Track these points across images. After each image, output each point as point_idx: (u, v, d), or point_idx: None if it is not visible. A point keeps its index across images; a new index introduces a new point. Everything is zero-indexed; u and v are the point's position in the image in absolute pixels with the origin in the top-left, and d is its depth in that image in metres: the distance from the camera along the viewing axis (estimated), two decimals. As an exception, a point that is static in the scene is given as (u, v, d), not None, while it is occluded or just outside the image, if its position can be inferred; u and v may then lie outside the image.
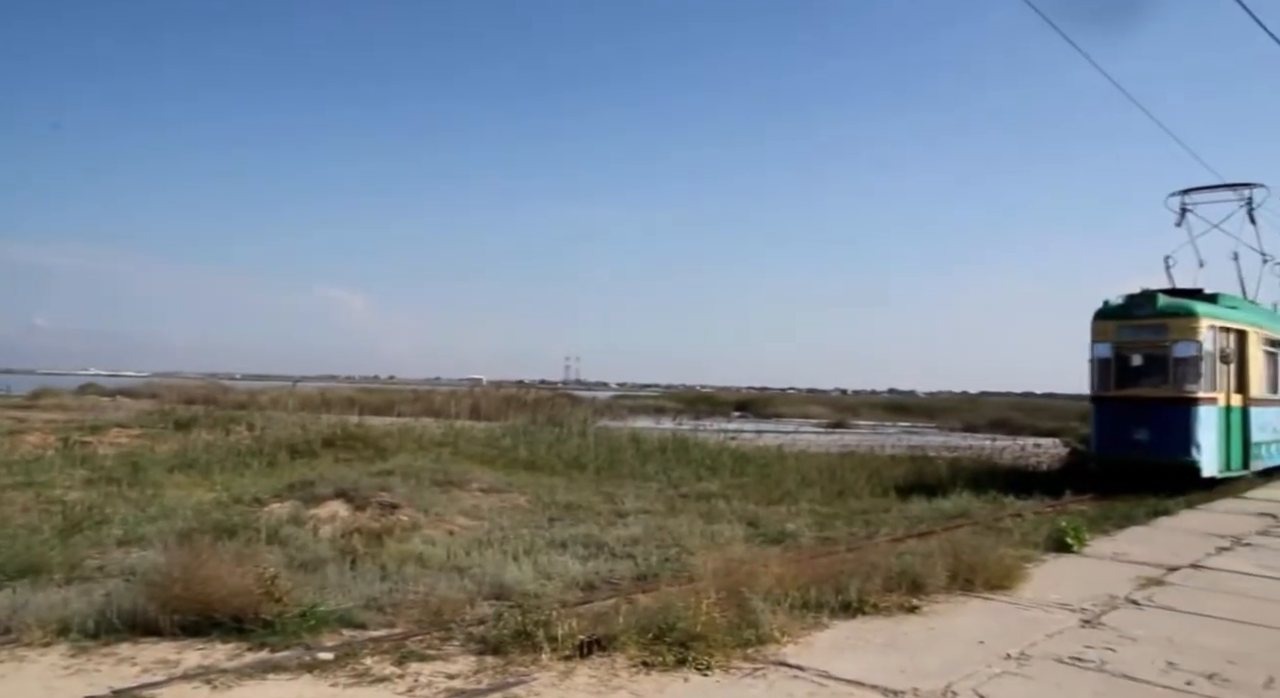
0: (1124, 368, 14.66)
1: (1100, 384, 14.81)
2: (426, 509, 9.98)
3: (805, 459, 18.37)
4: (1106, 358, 14.71)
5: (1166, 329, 14.12)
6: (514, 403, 32.26)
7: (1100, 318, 14.93)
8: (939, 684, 4.48)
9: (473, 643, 4.99)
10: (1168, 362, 14.12)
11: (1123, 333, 14.61)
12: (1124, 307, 14.68)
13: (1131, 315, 14.53)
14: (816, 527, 10.38)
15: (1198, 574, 7.71)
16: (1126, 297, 14.72)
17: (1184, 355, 13.93)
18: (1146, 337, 14.45)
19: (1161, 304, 14.35)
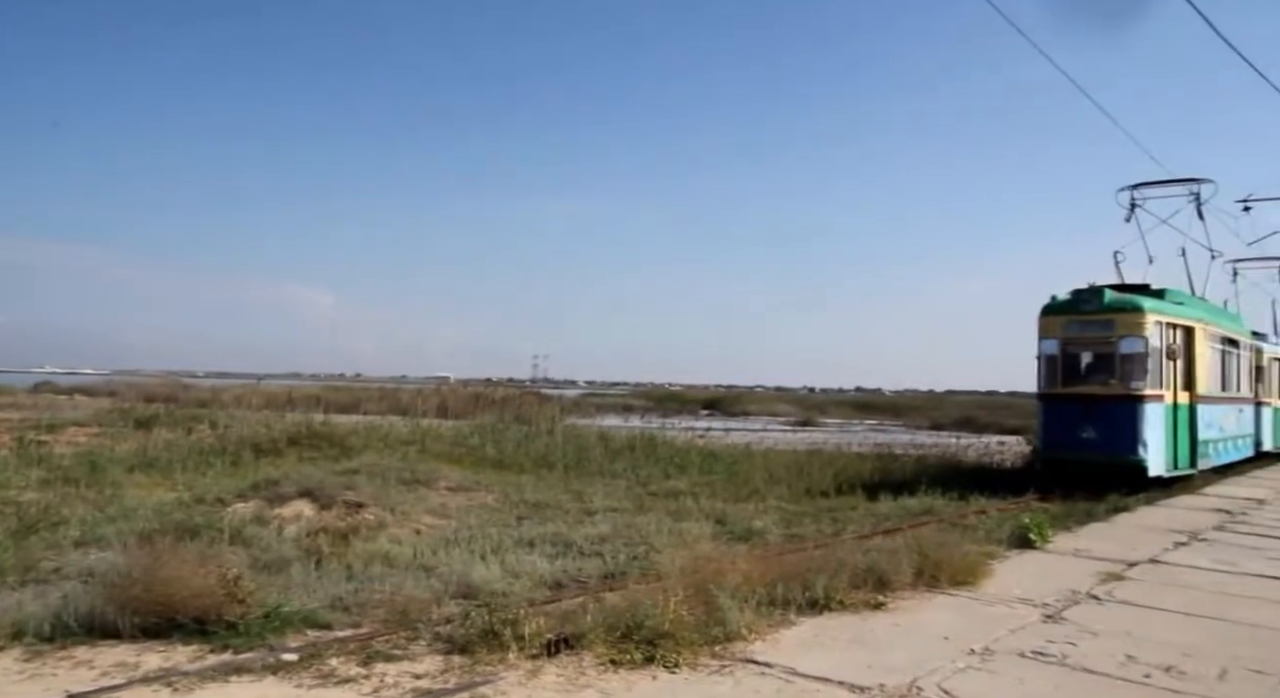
0: (1071, 365, 14.42)
1: (1047, 382, 14.48)
2: (393, 508, 9.90)
3: (773, 457, 18.46)
4: (1053, 355, 14.39)
5: (1113, 325, 13.84)
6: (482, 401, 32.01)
7: (1047, 314, 14.56)
8: (904, 680, 4.52)
9: (439, 643, 4.96)
10: (1114, 358, 13.86)
11: (1069, 329, 14.30)
12: (1071, 302, 14.36)
13: (1078, 311, 14.21)
14: (784, 524, 10.43)
15: (1156, 569, 7.86)
16: (1073, 292, 14.42)
17: (1130, 352, 13.67)
18: (1093, 333, 14.16)
19: (1108, 299, 14.05)
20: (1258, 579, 7.53)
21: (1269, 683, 4.69)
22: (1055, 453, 14.15)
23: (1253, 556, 8.68)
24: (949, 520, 10.20)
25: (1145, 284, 15.66)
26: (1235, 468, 18.61)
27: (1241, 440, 18.85)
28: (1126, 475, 13.20)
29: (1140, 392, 13.50)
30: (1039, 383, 14.60)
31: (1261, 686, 4.65)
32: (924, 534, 8.11)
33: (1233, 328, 19.07)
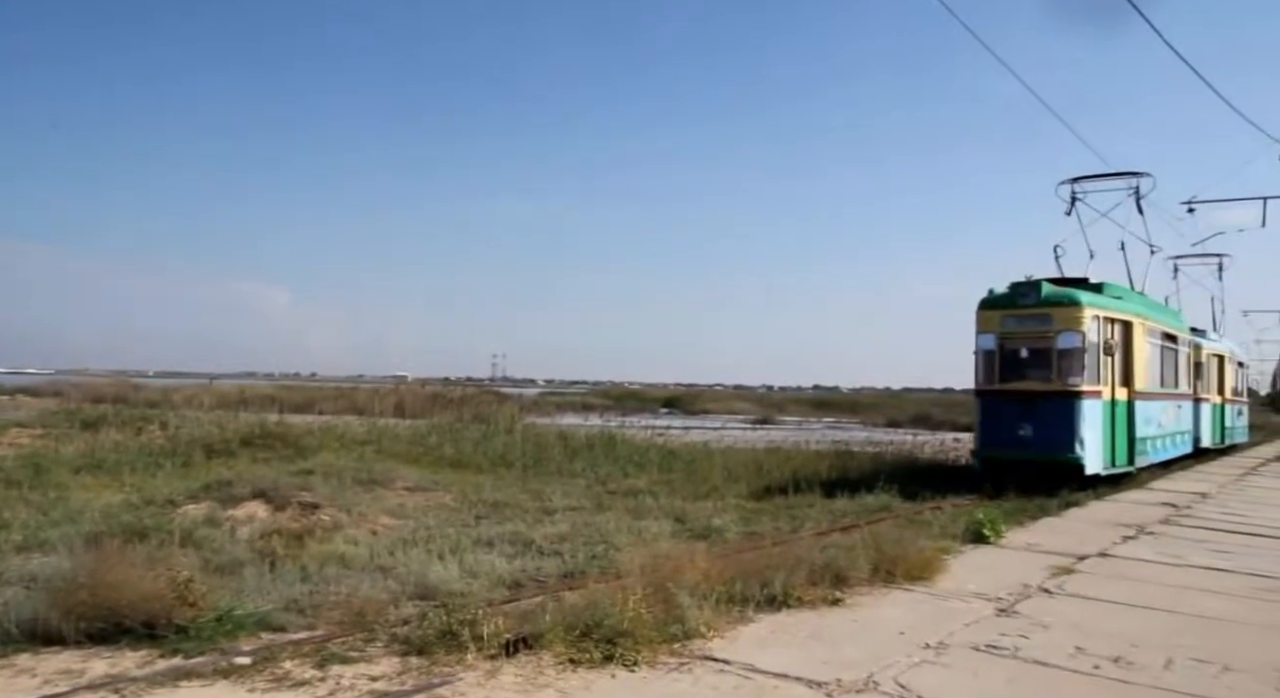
0: (1008, 361, 14.00)
1: (984, 378, 14.13)
2: (349, 509, 9.78)
3: (732, 455, 18.56)
4: (991, 350, 14.04)
5: (1050, 319, 13.51)
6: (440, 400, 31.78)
7: (984, 308, 14.21)
8: (861, 675, 4.57)
9: (396, 644, 4.90)
10: (1052, 354, 13.52)
11: (1006, 323, 13.93)
12: (1008, 296, 14.02)
13: (1016, 305, 13.87)
14: (743, 522, 10.48)
15: (1105, 563, 8.02)
16: (1011, 285, 14.05)
17: (1068, 347, 13.37)
18: (1030, 327, 13.78)
19: (1046, 293, 13.72)
20: (1201, 571, 7.72)
21: (1211, 671, 4.81)
22: (992, 451, 13.89)
23: (1196, 548, 8.90)
24: (905, 517, 10.33)
25: (1084, 278, 15.46)
26: (1179, 462, 19.01)
27: (1180, 437, 18.84)
28: (1064, 474, 13.02)
29: (1077, 388, 13.26)
30: (976, 379, 14.35)
31: (1204, 674, 4.77)
32: (880, 531, 8.20)
33: (1172, 324, 19.05)
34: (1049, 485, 12.59)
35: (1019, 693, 4.42)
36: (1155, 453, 16.32)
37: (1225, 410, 24.78)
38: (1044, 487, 12.53)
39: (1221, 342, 25.88)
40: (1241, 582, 7.30)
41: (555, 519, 9.97)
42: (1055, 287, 14.02)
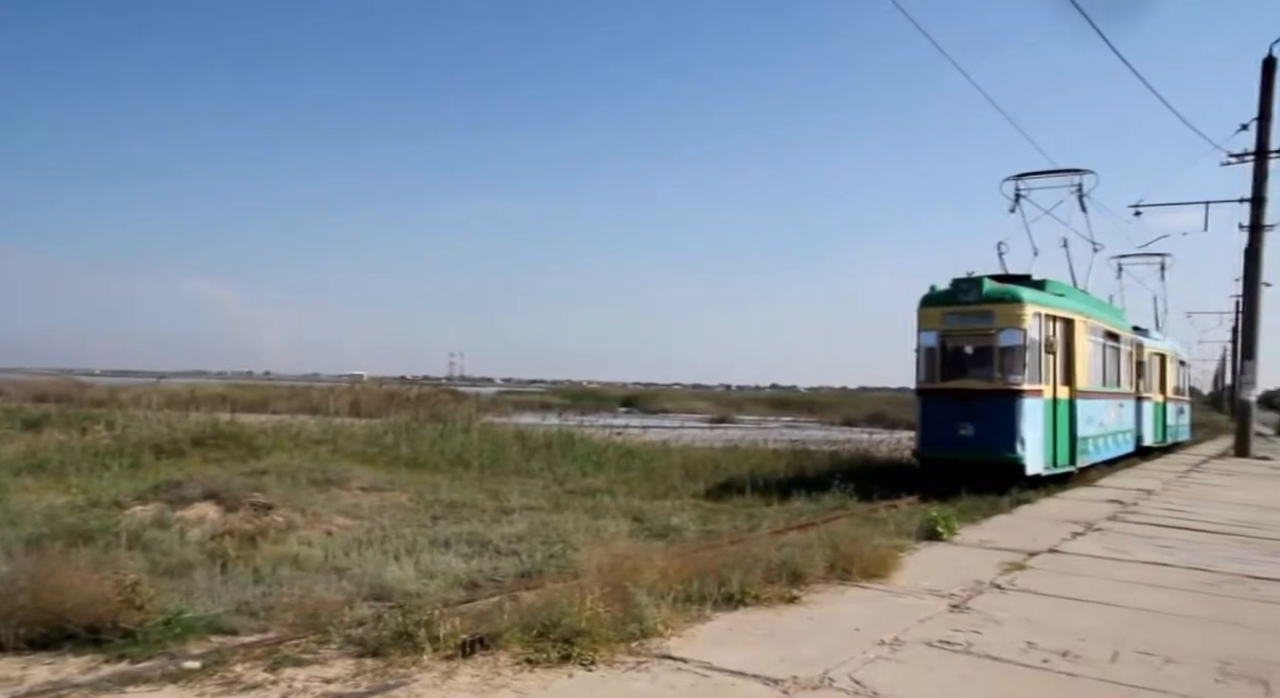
0: (949, 358, 13.82)
1: (926, 376, 13.92)
2: (303, 509, 9.65)
3: (690, 454, 18.62)
4: (932, 347, 13.81)
5: (992, 316, 13.29)
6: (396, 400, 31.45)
7: (926, 305, 13.95)
8: (817, 672, 4.61)
9: (351, 646, 4.84)
10: (993, 351, 13.33)
11: (948, 320, 13.71)
12: (950, 292, 13.75)
13: (957, 302, 13.63)
14: (701, 521, 10.53)
15: (1055, 559, 8.18)
16: (953, 282, 13.78)
17: (1009, 345, 13.15)
18: (972, 324, 13.58)
19: (987, 290, 13.48)
20: (1146, 566, 7.91)
21: (1154, 663, 4.93)
22: (933, 451, 13.72)
23: (1143, 543, 9.11)
24: (861, 515, 10.44)
25: (1026, 275, 15.38)
26: (1125, 460, 19.39)
27: (1122, 436, 18.92)
28: (1004, 474, 12.85)
29: (1018, 386, 13.07)
30: (917, 377, 14.10)
31: (1148, 666, 4.89)
32: (837, 529, 8.28)
33: (1114, 322, 19.08)
34: (990, 486, 12.41)
35: (972, 688, 4.48)
36: (1097, 452, 16.30)
37: (1167, 409, 25.22)
38: (985, 487, 12.34)
39: (1164, 341, 26.38)
40: (1184, 576, 7.49)
41: (513, 519, 9.93)
42: (997, 284, 13.85)
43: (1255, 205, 23.50)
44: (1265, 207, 23.43)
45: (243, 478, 10.68)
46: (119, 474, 12.77)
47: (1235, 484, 16.66)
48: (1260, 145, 23.30)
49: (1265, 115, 23.17)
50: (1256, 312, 24.23)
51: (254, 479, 10.68)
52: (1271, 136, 23.22)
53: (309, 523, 9.22)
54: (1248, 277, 24.28)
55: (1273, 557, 8.61)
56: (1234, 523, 10.97)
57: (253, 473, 11.44)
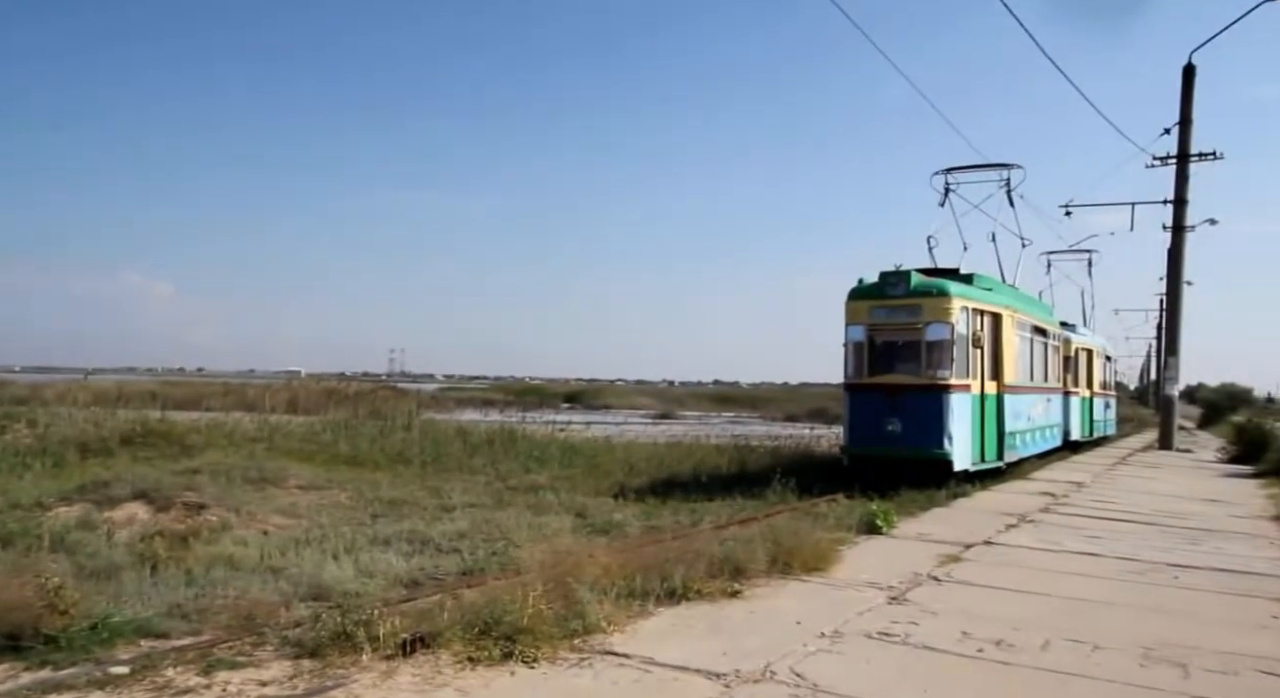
0: (877, 353, 13.54)
1: (853, 371, 13.62)
2: (238, 509, 9.43)
3: (633, 450, 18.65)
4: (860, 342, 13.53)
5: (920, 310, 13.06)
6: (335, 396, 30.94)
7: (854, 298, 13.65)
8: (759, 665, 4.65)
9: (288, 647, 4.74)
10: (920, 346, 13.09)
11: (876, 314, 13.42)
12: (877, 286, 13.47)
13: (885, 296, 13.35)
14: (644, 516, 10.54)
15: (989, 550, 8.38)
16: (881, 275, 13.54)
17: (937, 339, 12.93)
18: (900, 319, 13.32)
19: (915, 283, 13.23)
20: (1076, 556, 8.14)
21: (1084, 651, 5.08)
22: (861, 447, 13.45)
23: (1073, 535, 9.38)
24: (802, 509, 10.54)
25: (954, 268, 15.22)
26: (1055, 453, 19.90)
27: (1050, 431, 19.12)
28: (932, 470, 12.72)
29: (946, 381, 12.88)
30: (845, 372, 13.85)
31: (1077, 653, 5.03)
32: (778, 523, 8.36)
33: (1042, 317, 19.23)
34: (918, 483, 12.34)
35: (909, 678, 4.56)
36: (1025, 447, 16.31)
37: (1094, 404, 25.81)
38: (913, 484, 12.26)
39: (1091, 336, 27.04)
40: (1111, 566, 7.73)
41: (454, 516, 9.83)
42: (925, 277, 13.70)
43: (1177, 207, 24.35)
44: (1187, 208, 24.29)
45: (174, 477, 10.40)
46: (41, 474, 12.34)
47: (1159, 476, 17.26)
48: (1182, 149, 24.15)
49: (1186, 120, 24.01)
50: (1179, 309, 25.10)
51: (186, 478, 10.40)
52: (1192, 141, 24.09)
53: (244, 523, 9.01)
54: (1171, 276, 25.14)
55: (1192, 545, 8.94)
56: (1158, 513, 11.36)
57: (185, 472, 11.14)
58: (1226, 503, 12.89)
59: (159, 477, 10.26)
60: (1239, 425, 25.87)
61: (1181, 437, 28.12)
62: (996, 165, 18.00)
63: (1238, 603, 6.48)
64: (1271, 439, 20.76)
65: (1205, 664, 4.87)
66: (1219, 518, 11.17)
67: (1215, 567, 7.80)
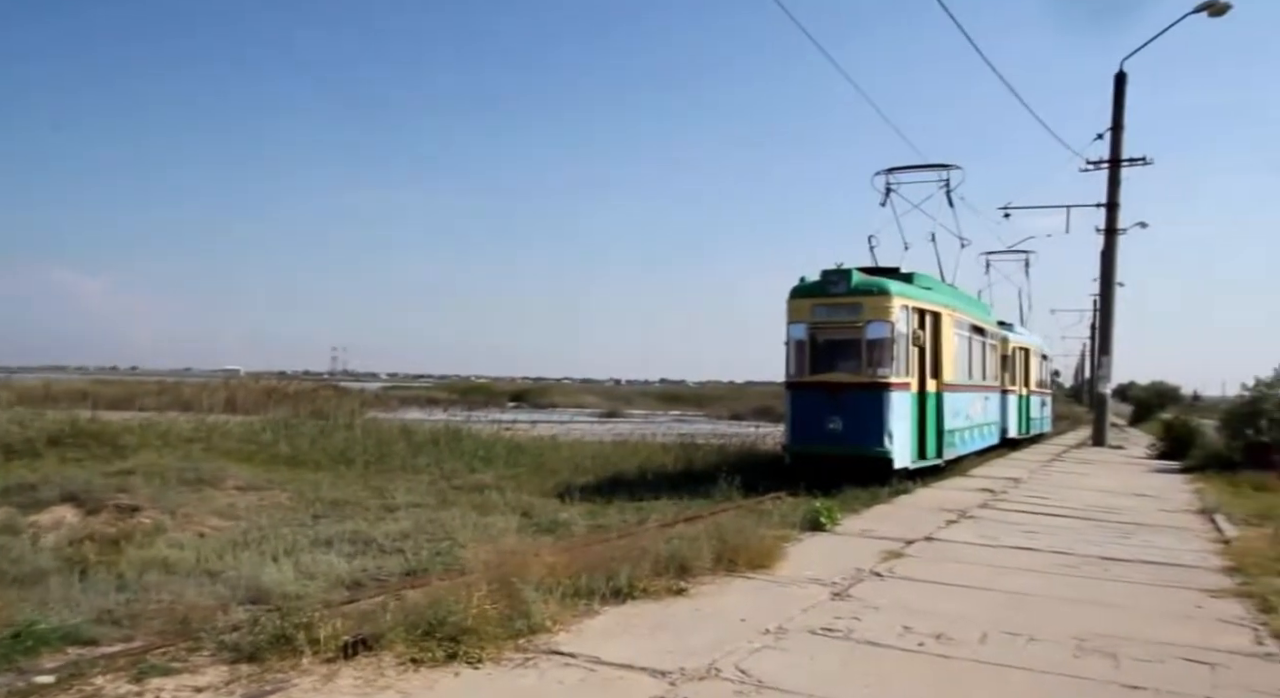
0: (819, 351, 13.56)
1: (795, 369, 13.67)
2: (173, 511, 9.21)
3: (580, 449, 18.61)
4: (802, 340, 13.55)
5: (860, 309, 13.12)
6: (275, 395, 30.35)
7: (796, 296, 13.67)
8: (704, 662, 4.66)
9: (225, 651, 4.62)
10: (861, 344, 13.15)
11: (817, 313, 13.46)
12: (819, 284, 13.51)
13: (826, 294, 13.39)
14: (590, 515, 10.54)
15: (930, 546, 8.53)
16: (823, 273, 13.55)
17: (877, 337, 13.00)
18: (841, 317, 13.36)
19: (856, 281, 13.28)
20: (1014, 551, 8.34)
21: (1020, 643, 5.20)
22: (803, 446, 13.48)
23: (1010, 530, 9.60)
24: (747, 507, 10.61)
25: (895, 267, 15.30)
26: (994, 450, 20.34)
27: (988, 428, 19.41)
28: (873, 468, 12.80)
29: (886, 379, 12.95)
30: (787, 371, 13.88)
31: (1014, 645, 5.15)
32: (724, 521, 8.41)
33: (980, 316, 19.50)
34: (860, 480, 12.41)
35: (851, 672, 4.62)
36: (964, 445, 16.49)
37: (1031, 402, 26.42)
38: (855, 481, 12.33)
39: (1028, 336, 27.67)
40: (1047, 559, 7.92)
41: (398, 517, 9.72)
42: (866, 276, 13.74)
43: (1110, 210, 25.05)
44: (1119, 211, 25.00)
45: (105, 479, 10.12)
46: (-37, 477, 11.87)
47: (1093, 472, 17.76)
48: (1114, 154, 24.84)
49: (1118, 126, 24.72)
50: (1111, 310, 25.83)
51: (118, 480, 10.13)
52: (1124, 146, 24.81)
53: (180, 525, 8.80)
54: (1104, 277, 25.85)
55: (1123, 538, 9.22)
56: (1091, 508, 11.69)
57: (117, 473, 10.85)
58: (1155, 498, 13.32)
59: (89, 478, 9.97)
60: (1167, 423, 26.74)
61: (1114, 434, 28.92)
62: (936, 166, 18.25)
63: (1165, 594, 6.69)
64: (1197, 436, 21.51)
65: (1134, 654, 5.02)
66: (1148, 512, 11.53)
67: (1144, 560, 8.05)
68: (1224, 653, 5.11)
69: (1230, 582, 7.15)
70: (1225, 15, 22.29)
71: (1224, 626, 5.77)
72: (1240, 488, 14.22)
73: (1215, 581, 7.20)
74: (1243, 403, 18.55)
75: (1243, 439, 17.51)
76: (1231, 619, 5.95)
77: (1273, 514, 11.27)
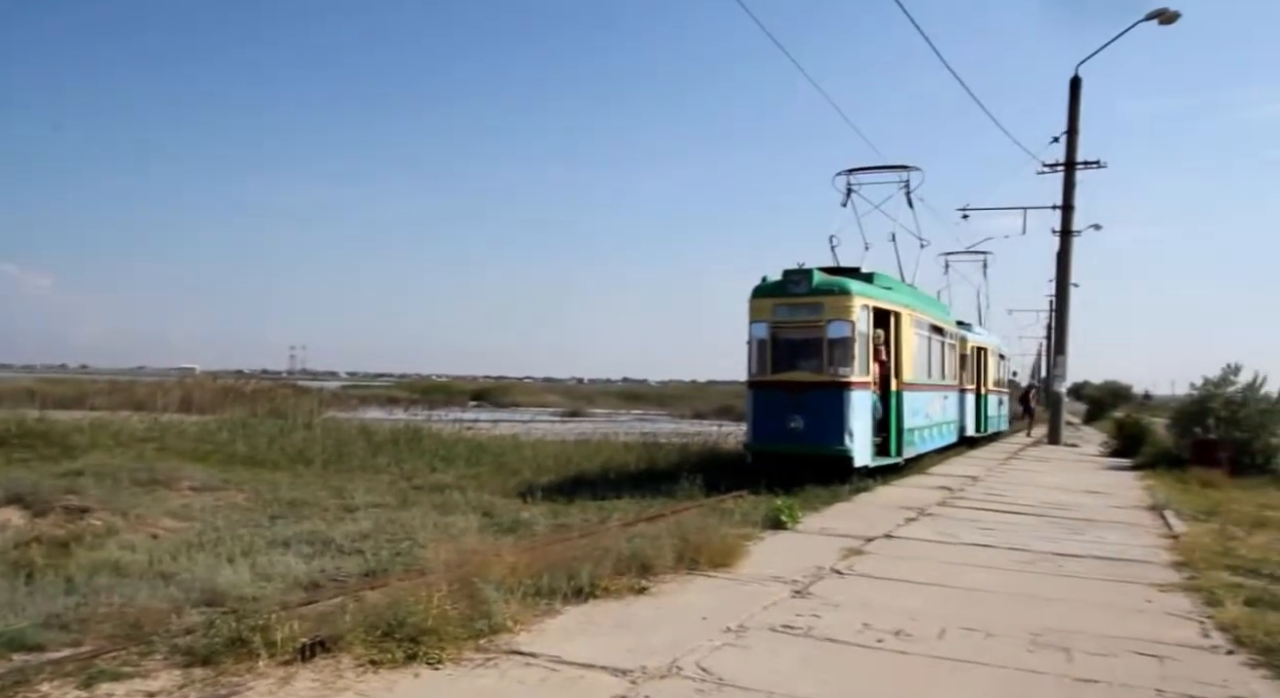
0: (780, 350, 13.66)
1: (757, 368, 13.74)
2: (125, 512, 9.01)
3: (542, 448, 18.54)
4: (764, 339, 13.64)
5: (822, 308, 13.23)
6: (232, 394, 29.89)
7: (757, 296, 13.77)
8: (665, 660, 4.67)
9: (179, 655, 4.53)
10: (822, 343, 13.24)
11: (779, 312, 13.57)
12: (781, 284, 13.61)
13: (788, 293, 13.49)
14: (551, 514, 10.50)
15: (890, 543, 8.62)
16: (785, 273, 13.65)
17: (838, 336, 13.12)
18: (803, 316, 13.48)
19: (817, 281, 13.39)
20: (972, 547, 8.45)
21: (977, 638, 5.27)
22: (764, 445, 13.53)
23: (969, 527, 9.74)
24: (709, 506, 10.64)
25: (856, 267, 15.42)
26: (953, 448, 20.62)
27: (946, 427, 19.64)
28: (833, 466, 12.91)
29: (847, 379, 13.06)
30: (749, 370, 13.94)
31: (971, 641, 5.22)
32: (685, 520, 8.43)
33: (939, 315, 19.70)
34: (820, 478, 12.51)
35: (811, 669, 4.66)
36: (923, 443, 16.67)
37: (989, 401, 26.82)
38: (816, 480, 12.41)
39: (986, 335, 28.08)
40: (1003, 556, 8.05)
41: (357, 517, 9.61)
42: (827, 276, 13.83)
43: (1065, 212, 25.51)
44: (1074, 213, 25.46)
45: (54, 480, 9.88)
46: (-95, 478, 11.53)
47: (1048, 470, 18.07)
48: (1069, 157, 25.30)
49: (1073, 130, 25.17)
50: (1067, 310, 26.31)
51: (67, 480, 9.90)
52: (1078, 149, 25.28)
53: (132, 526, 8.62)
54: (1059, 278, 26.32)
55: (1076, 535, 9.39)
56: (1047, 505, 11.90)
57: (66, 474, 10.60)
58: (1107, 495, 13.59)
59: (36, 480, 9.74)
60: (1119, 421, 27.33)
61: (1069, 432, 29.48)
62: (896, 167, 18.33)
63: (1116, 589, 6.82)
64: (1147, 434, 22.00)
65: (1086, 648, 5.12)
66: (1101, 509, 11.76)
67: (1097, 555, 8.21)
68: (1172, 646, 5.23)
69: (1178, 576, 7.32)
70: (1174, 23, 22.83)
71: (1172, 619, 5.91)
72: (1189, 484, 14.57)
73: (1164, 575, 7.36)
74: (1191, 402, 18.99)
75: (1191, 437, 17.95)
76: (1180, 613, 6.09)
77: (1219, 510, 11.58)
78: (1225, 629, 5.61)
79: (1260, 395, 17.94)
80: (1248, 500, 12.86)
